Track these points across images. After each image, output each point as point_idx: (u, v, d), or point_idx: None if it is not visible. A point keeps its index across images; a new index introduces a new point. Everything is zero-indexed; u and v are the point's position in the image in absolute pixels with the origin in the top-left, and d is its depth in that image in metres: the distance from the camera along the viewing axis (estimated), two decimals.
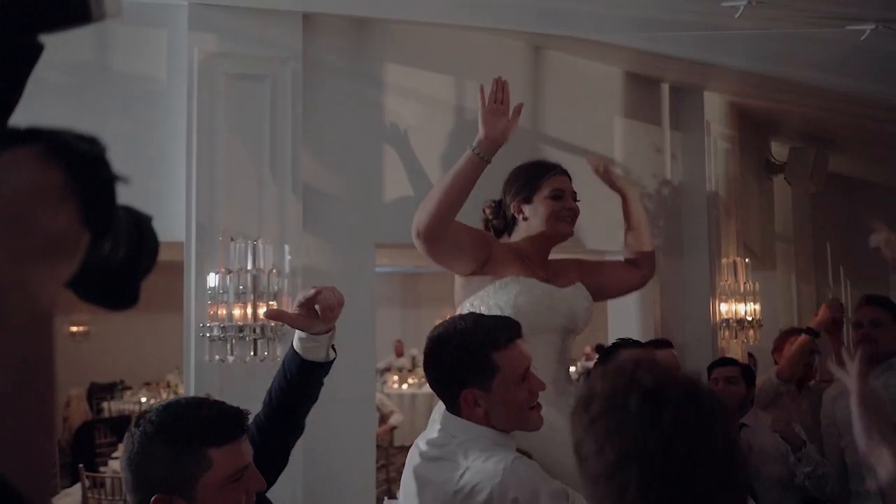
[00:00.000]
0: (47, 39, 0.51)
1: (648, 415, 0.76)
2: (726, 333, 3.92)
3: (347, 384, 3.01)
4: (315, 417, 2.88)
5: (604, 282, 2.31)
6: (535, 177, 2.13)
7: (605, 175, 2.43)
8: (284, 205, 2.85)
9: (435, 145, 3.23)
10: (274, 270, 2.77)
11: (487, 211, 2.23)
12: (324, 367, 1.63)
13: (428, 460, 1.56)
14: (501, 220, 2.19)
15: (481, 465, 1.46)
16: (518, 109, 2.00)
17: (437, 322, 1.91)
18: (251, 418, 1.36)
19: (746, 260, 4.12)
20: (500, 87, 1.99)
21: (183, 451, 1.19)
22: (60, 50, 2.86)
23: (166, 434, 1.19)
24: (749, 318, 3.91)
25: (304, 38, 2.95)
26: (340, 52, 3.09)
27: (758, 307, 4.01)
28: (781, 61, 3.25)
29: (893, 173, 5.85)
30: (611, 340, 4.17)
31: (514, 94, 3.45)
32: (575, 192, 2.18)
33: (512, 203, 2.15)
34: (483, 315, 1.67)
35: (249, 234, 2.79)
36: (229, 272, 2.73)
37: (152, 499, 1.17)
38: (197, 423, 1.21)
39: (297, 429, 1.66)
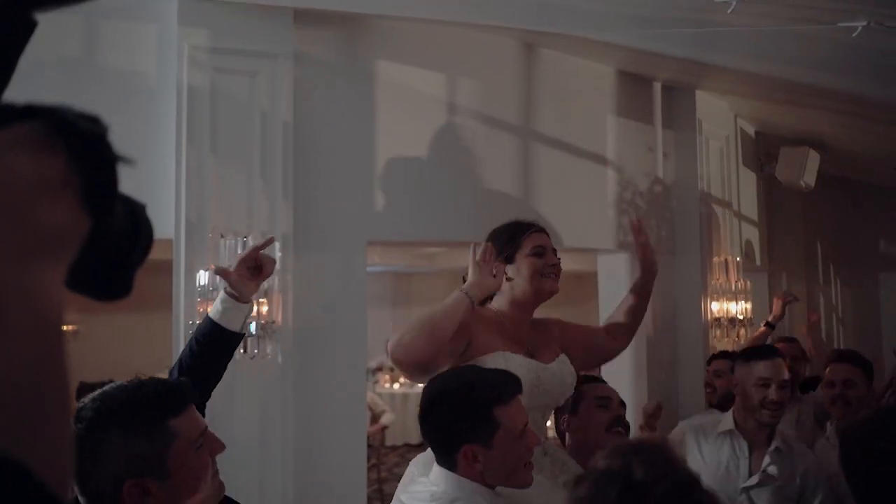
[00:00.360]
0: (35, 37, 0.49)
1: None
2: (717, 332, 3.93)
3: (339, 383, 2.99)
4: (306, 416, 2.88)
5: (583, 349, 2.26)
6: (514, 236, 2.12)
7: (643, 246, 2.45)
8: (275, 201, 2.82)
9: (428, 142, 3.22)
10: None
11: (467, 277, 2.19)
12: (233, 338, 1.67)
13: None
14: None
15: None
16: (501, 270, 2.02)
17: None
18: None
19: (738, 259, 4.13)
20: (490, 252, 2.01)
21: (144, 430, 1.14)
22: (48, 45, 2.83)
23: (119, 419, 1.14)
24: (740, 317, 3.92)
25: (294, 33, 2.92)
26: (332, 48, 3.08)
27: (749, 306, 4.02)
28: (773, 59, 3.25)
29: (884, 173, 5.88)
30: None
31: (507, 92, 3.46)
32: (555, 249, 2.17)
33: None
34: (483, 369, 1.65)
35: (239, 230, 2.77)
36: None
37: (125, 486, 1.11)
38: (149, 399, 1.18)
39: (214, 381, 1.67)
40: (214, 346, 1.64)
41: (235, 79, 2.83)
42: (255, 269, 1.74)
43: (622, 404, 2.28)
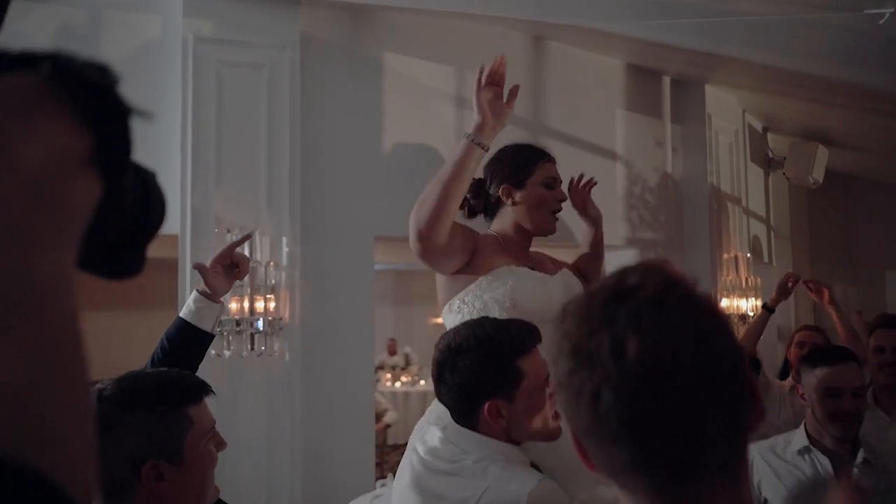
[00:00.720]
0: (37, 29, 0.44)
1: (608, 312, 0.65)
2: None
3: (346, 380, 2.95)
4: (314, 413, 2.84)
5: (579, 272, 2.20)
6: (529, 161, 2.00)
7: (587, 198, 2.30)
8: (282, 196, 2.78)
9: (435, 136, 3.17)
10: (271, 263, 2.71)
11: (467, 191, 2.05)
12: (206, 338, 1.66)
13: (438, 473, 1.48)
14: (481, 202, 2.04)
15: (505, 485, 1.38)
16: (514, 92, 1.83)
17: (433, 321, 1.74)
18: None
19: (748, 255, 4.08)
20: (501, 63, 1.80)
21: (166, 413, 1.19)
22: (48, 39, 2.78)
23: (143, 400, 1.19)
24: (751, 314, 3.87)
25: (301, 25, 2.88)
26: (338, 40, 3.03)
27: (759, 303, 3.96)
28: (788, 51, 3.20)
29: (892, 169, 5.83)
30: None
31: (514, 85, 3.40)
32: (561, 181, 2.06)
33: (501, 185, 2.00)
34: (499, 320, 1.56)
35: (246, 225, 2.72)
36: None
37: (145, 466, 1.15)
38: (171, 385, 1.23)
39: None
40: (186, 346, 1.64)
41: (241, 71, 2.78)
42: (230, 266, 1.74)
43: None
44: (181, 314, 1.69)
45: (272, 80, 2.80)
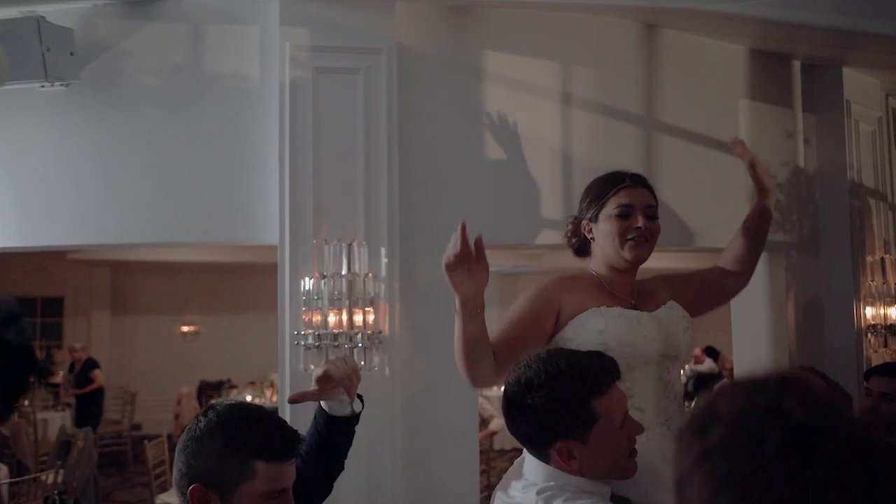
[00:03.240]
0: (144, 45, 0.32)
1: (793, 463, 0.53)
2: (874, 341, 3.46)
3: (450, 387, 2.83)
4: (418, 420, 2.74)
5: (699, 294, 2.02)
6: (602, 192, 1.89)
7: (752, 166, 2.21)
8: (381, 204, 2.69)
9: (539, 138, 2.99)
10: (370, 274, 2.62)
11: (568, 227, 2.01)
12: (350, 419, 1.61)
13: None
14: (579, 239, 1.98)
15: None
16: (479, 244, 1.63)
17: None
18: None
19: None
20: (463, 241, 1.64)
21: (234, 455, 1.23)
22: (153, 54, 2.83)
23: (225, 432, 1.24)
24: None
25: (397, 27, 2.78)
26: (435, 40, 2.91)
27: None
28: None
29: None
30: (735, 349, 3.80)
31: (627, 79, 3.17)
32: (652, 206, 1.88)
33: (582, 221, 1.94)
34: (574, 353, 1.44)
35: (344, 236, 2.65)
36: (323, 277, 2.60)
37: (191, 487, 1.23)
38: (255, 433, 1.25)
39: (337, 467, 1.64)
40: (332, 430, 1.60)
41: (338, 76, 2.72)
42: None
43: None
44: (321, 406, 1.64)
45: (369, 83, 2.72)
